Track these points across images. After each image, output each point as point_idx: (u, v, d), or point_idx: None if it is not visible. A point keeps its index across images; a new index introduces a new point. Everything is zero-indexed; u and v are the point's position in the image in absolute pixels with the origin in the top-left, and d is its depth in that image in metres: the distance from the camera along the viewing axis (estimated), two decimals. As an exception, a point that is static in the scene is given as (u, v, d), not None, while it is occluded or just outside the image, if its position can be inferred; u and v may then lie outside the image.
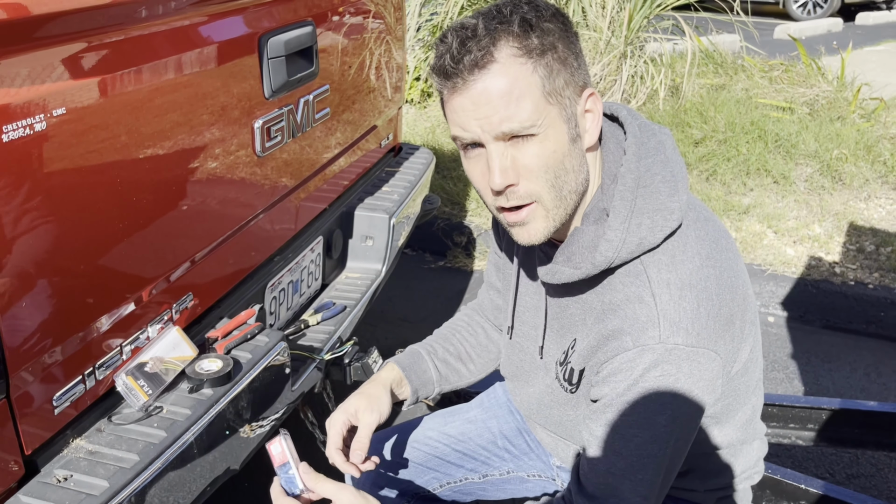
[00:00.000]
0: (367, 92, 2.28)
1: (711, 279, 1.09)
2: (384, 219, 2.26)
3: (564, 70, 1.05)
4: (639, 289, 1.08)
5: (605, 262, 1.09)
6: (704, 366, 1.07)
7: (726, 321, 1.10)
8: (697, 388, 1.08)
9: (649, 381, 1.06)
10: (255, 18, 1.65)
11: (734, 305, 1.12)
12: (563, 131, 1.06)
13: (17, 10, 1.06)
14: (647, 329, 1.06)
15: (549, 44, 1.03)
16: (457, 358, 1.50)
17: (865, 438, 2.03)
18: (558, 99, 1.05)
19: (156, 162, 1.37)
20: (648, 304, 1.06)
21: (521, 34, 1.02)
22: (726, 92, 5.12)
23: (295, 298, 2.03)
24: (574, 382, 1.20)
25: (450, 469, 1.55)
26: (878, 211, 3.96)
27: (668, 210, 1.09)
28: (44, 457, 1.25)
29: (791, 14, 11.34)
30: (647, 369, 1.06)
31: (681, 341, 1.05)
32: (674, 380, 1.06)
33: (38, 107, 1.10)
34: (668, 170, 1.12)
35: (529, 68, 1.03)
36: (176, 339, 1.45)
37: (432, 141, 4.75)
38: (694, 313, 1.06)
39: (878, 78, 5.43)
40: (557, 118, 1.05)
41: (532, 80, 1.03)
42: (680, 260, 1.09)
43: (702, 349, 1.06)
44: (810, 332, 3.29)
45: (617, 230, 1.08)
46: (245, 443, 1.52)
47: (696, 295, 1.07)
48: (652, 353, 1.05)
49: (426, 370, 1.45)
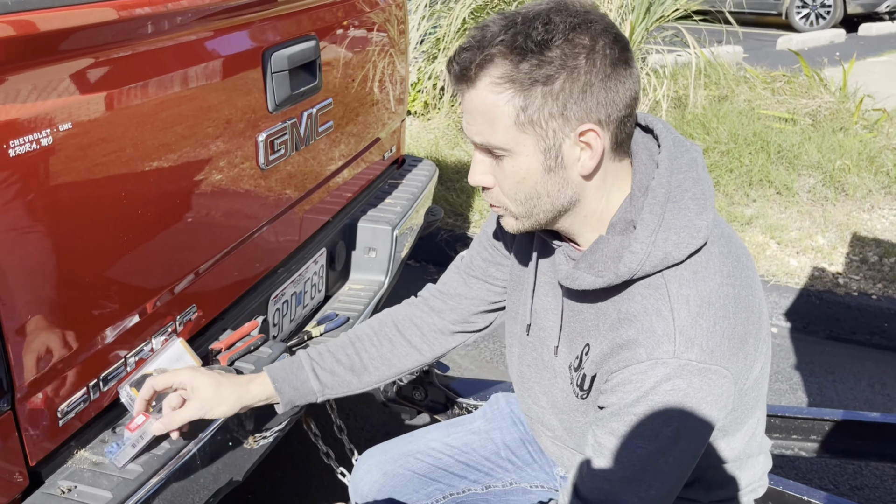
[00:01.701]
0: (370, 104, 2.30)
1: (730, 298, 1.10)
2: (387, 230, 2.28)
3: (553, 103, 1.03)
4: (658, 302, 1.08)
5: (628, 273, 1.08)
6: (716, 383, 1.07)
7: (740, 340, 1.10)
8: (707, 404, 1.07)
9: (659, 394, 1.06)
10: (259, 33, 1.67)
11: (749, 324, 1.12)
12: (538, 161, 1.07)
13: (24, 28, 1.08)
14: (662, 343, 1.05)
15: (540, 76, 1.02)
16: (348, 369, 1.44)
17: (869, 450, 2.02)
18: (536, 129, 1.05)
19: (160, 175, 1.38)
20: (666, 319, 1.06)
21: (512, 61, 1.02)
22: (729, 103, 5.14)
23: (298, 310, 2.04)
24: (586, 388, 1.20)
25: (453, 480, 1.55)
26: (881, 221, 3.96)
27: (695, 227, 1.09)
28: (48, 468, 1.25)
29: (794, 25, 11.37)
30: (658, 383, 1.05)
31: (694, 357, 1.05)
32: (683, 395, 1.05)
33: (44, 122, 1.12)
34: (698, 187, 1.12)
35: (506, 98, 1.04)
36: (179, 350, 1.46)
37: (435, 153, 4.76)
38: (710, 331, 1.06)
39: (880, 89, 5.44)
40: (532, 147, 1.06)
41: (505, 110, 1.04)
42: (702, 277, 1.09)
43: (714, 366, 1.06)
44: (814, 342, 3.29)
45: (643, 243, 1.07)
46: (248, 454, 1.53)
47: (713, 313, 1.07)
48: (665, 367, 1.05)
49: (304, 381, 1.40)
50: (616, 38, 1.05)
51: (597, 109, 1.04)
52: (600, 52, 1.03)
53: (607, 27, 1.05)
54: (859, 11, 11.23)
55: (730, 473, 1.31)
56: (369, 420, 2.63)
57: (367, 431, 2.59)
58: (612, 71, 1.03)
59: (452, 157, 4.70)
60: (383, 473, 1.54)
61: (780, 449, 2.00)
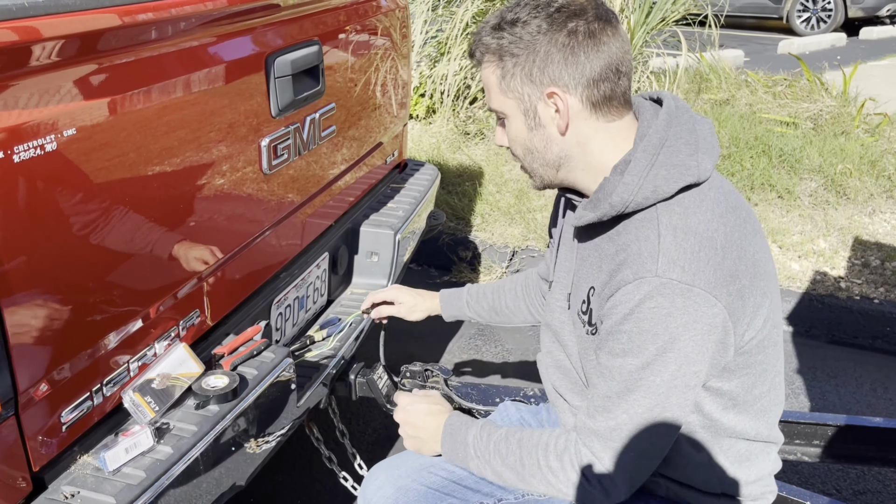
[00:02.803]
0: (372, 109, 2.30)
1: (719, 232, 1.18)
2: (389, 235, 2.28)
3: (521, 71, 1.24)
4: (648, 230, 1.18)
5: (620, 203, 1.20)
6: (700, 306, 1.13)
7: (729, 274, 1.16)
8: (693, 327, 1.14)
9: (643, 311, 1.14)
10: (262, 38, 1.67)
11: (740, 264, 1.19)
12: (521, 121, 1.28)
13: (28, 34, 1.09)
14: (646, 263, 1.15)
15: (507, 50, 1.24)
16: (490, 308, 1.85)
17: (872, 454, 2.01)
18: (514, 93, 1.26)
19: (164, 180, 1.39)
20: (652, 242, 1.16)
21: (494, 38, 1.26)
22: (730, 107, 5.14)
23: (300, 314, 2.04)
24: (593, 324, 1.28)
25: (466, 494, 1.54)
26: (882, 226, 3.96)
27: (685, 166, 1.21)
28: (51, 473, 1.25)
29: (795, 29, 11.38)
30: (641, 300, 1.14)
31: (676, 277, 1.13)
32: (666, 313, 1.13)
33: (48, 127, 1.12)
34: (692, 137, 1.24)
35: (490, 69, 1.28)
36: (183, 355, 1.46)
37: (437, 156, 4.77)
38: (693, 255, 1.15)
39: (882, 93, 5.44)
40: (515, 109, 1.28)
41: (491, 79, 1.28)
42: (692, 211, 1.19)
43: (697, 289, 1.13)
44: (816, 347, 3.28)
45: (635, 175, 1.20)
46: (251, 459, 1.53)
47: (698, 241, 1.16)
48: (648, 284, 1.14)
49: (461, 307, 1.88)
50: (578, 14, 1.22)
51: (559, 75, 1.23)
52: (557, 27, 1.22)
53: (567, 5, 1.23)
54: (860, 15, 11.23)
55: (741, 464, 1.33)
56: (371, 424, 2.63)
57: (370, 436, 2.59)
58: (570, 41, 1.21)
59: (454, 161, 4.70)
60: (396, 489, 1.51)
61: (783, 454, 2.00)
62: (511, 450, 1.34)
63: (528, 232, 3.93)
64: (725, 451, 1.32)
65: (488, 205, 4.17)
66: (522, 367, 3.06)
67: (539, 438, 1.33)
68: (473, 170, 4.58)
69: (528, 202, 4.14)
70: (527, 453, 1.32)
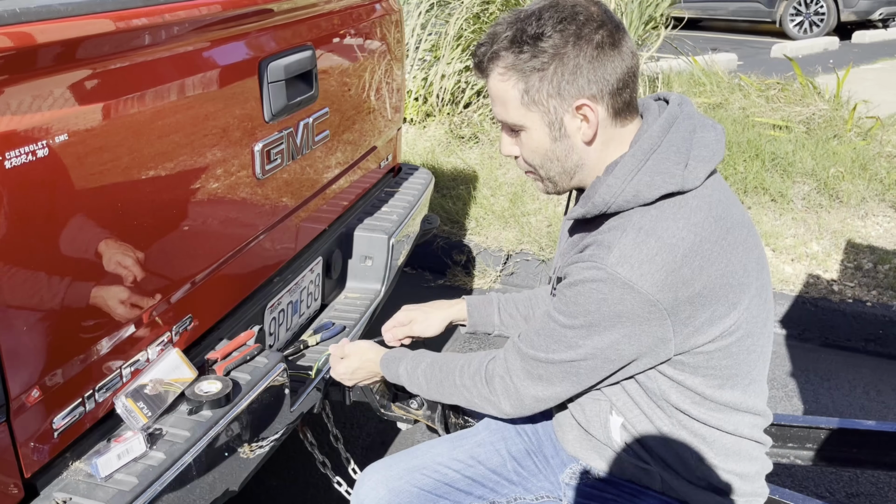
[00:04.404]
0: (366, 113, 2.31)
1: (686, 241, 1.20)
2: (383, 239, 2.28)
3: (549, 85, 1.24)
4: (619, 227, 1.23)
5: (602, 203, 1.24)
6: (636, 307, 1.19)
7: (682, 281, 1.19)
8: (621, 322, 1.20)
9: (583, 286, 1.22)
10: (256, 43, 1.67)
11: (702, 274, 1.20)
12: (544, 133, 1.28)
13: (21, 39, 1.08)
14: (602, 253, 1.21)
15: (536, 64, 1.23)
16: (523, 318, 1.74)
17: (865, 458, 2.02)
18: (539, 107, 1.26)
19: (157, 185, 1.39)
20: (616, 237, 1.21)
21: (514, 53, 1.24)
22: (723, 111, 5.16)
23: (294, 319, 2.04)
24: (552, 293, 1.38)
25: (458, 496, 1.54)
26: (875, 229, 3.98)
27: (669, 174, 1.23)
28: (43, 479, 1.25)
29: (788, 33, 11.42)
30: (586, 279, 1.21)
31: (623, 273, 1.18)
32: (601, 297, 1.20)
33: (41, 133, 1.12)
34: (686, 144, 1.26)
35: (511, 84, 1.26)
36: (175, 360, 1.46)
37: (432, 160, 4.77)
38: (648, 259, 1.18)
39: (874, 96, 5.47)
40: (538, 121, 1.27)
41: (511, 93, 1.27)
42: (666, 217, 1.22)
43: (639, 289, 1.18)
44: (809, 349, 3.29)
45: (619, 178, 1.23)
46: (244, 464, 1.53)
47: (659, 246, 1.19)
48: (596, 271, 1.20)
49: (489, 315, 1.75)
50: (601, 25, 1.23)
51: (588, 87, 1.24)
52: (586, 39, 1.22)
53: (590, 17, 1.23)
54: (853, 19, 11.28)
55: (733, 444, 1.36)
56: (365, 429, 2.63)
57: (364, 440, 2.59)
58: (598, 53, 1.22)
59: (448, 165, 4.71)
60: (388, 490, 1.52)
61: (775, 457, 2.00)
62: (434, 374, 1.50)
63: (522, 235, 3.93)
64: (710, 444, 1.35)
65: (482, 208, 4.18)
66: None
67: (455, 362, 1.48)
68: (468, 173, 4.59)
69: (523, 206, 4.15)
70: (445, 375, 1.48)
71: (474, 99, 5.31)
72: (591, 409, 1.41)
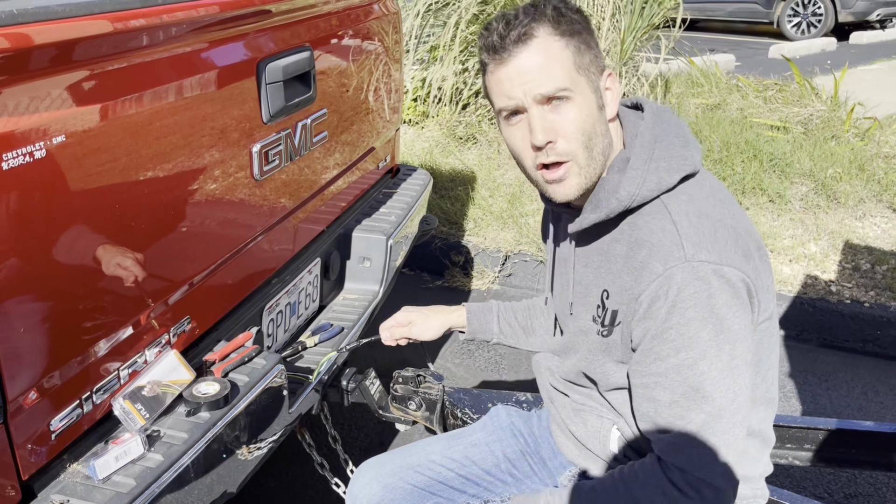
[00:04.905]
0: (364, 114, 2.30)
1: (727, 215, 1.23)
2: (381, 240, 2.28)
3: (589, 51, 1.25)
4: (661, 221, 1.20)
5: (627, 197, 1.22)
6: (733, 282, 1.15)
7: (744, 252, 1.19)
8: (735, 303, 1.15)
9: (685, 300, 1.14)
10: (254, 44, 1.67)
11: (751, 243, 1.23)
12: (592, 99, 1.24)
13: (19, 40, 1.08)
14: (672, 251, 1.16)
15: (575, 30, 1.24)
16: (522, 328, 1.73)
17: (863, 458, 2.02)
18: (586, 73, 1.24)
19: (155, 186, 1.38)
20: (671, 231, 1.17)
21: (554, 20, 1.23)
22: (721, 111, 5.16)
23: (292, 320, 2.04)
24: (607, 325, 1.27)
25: (452, 494, 1.55)
26: (873, 229, 3.98)
27: (682, 156, 1.25)
28: (41, 482, 1.25)
29: (785, 34, 11.43)
30: (680, 289, 1.14)
31: (705, 258, 1.14)
32: (707, 296, 1.13)
33: (38, 134, 1.12)
34: (680, 130, 1.29)
35: (563, 44, 1.22)
36: (173, 362, 1.46)
37: (430, 161, 4.77)
38: (712, 236, 1.17)
39: (871, 97, 5.47)
40: (587, 87, 1.24)
41: (565, 54, 1.22)
42: (697, 198, 1.23)
43: (726, 267, 1.15)
44: (807, 350, 3.30)
45: (638, 170, 1.22)
46: (243, 465, 1.52)
47: (712, 223, 1.19)
48: (681, 272, 1.14)
49: (489, 322, 1.74)
50: None
51: (603, 60, 1.28)
52: (589, 21, 1.28)
53: None
54: (850, 20, 11.30)
55: None
56: (363, 430, 2.63)
57: (362, 441, 2.58)
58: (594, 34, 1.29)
59: (447, 166, 4.71)
60: (382, 486, 1.53)
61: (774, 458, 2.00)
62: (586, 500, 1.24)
63: (520, 236, 3.93)
64: None
65: (481, 209, 4.18)
66: (515, 373, 3.06)
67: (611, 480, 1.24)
68: (466, 174, 4.59)
69: (521, 206, 4.15)
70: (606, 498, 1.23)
71: (473, 100, 5.31)
72: (594, 426, 1.41)
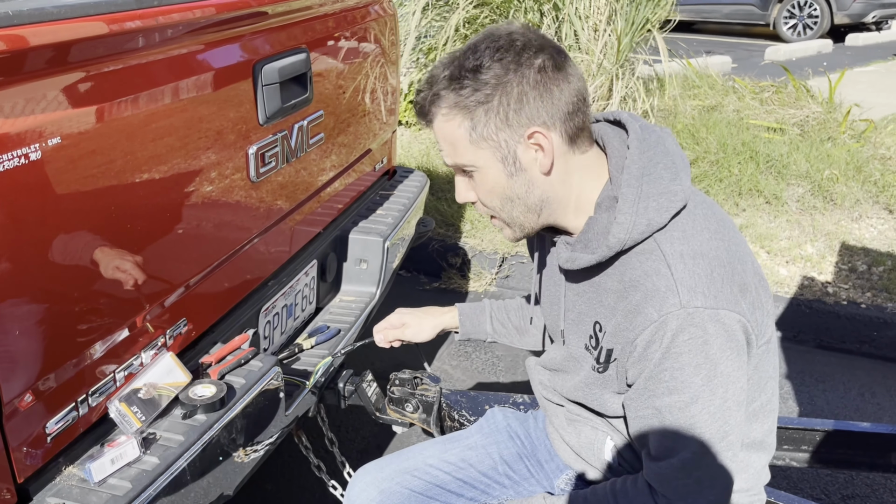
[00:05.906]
0: (361, 116, 2.30)
1: (721, 249, 1.18)
2: (378, 242, 2.27)
3: (496, 117, 1.18)
4: (655, 263, 1.16)
5: (618, 243, 1.18)
6: (729, 326, 1.13)
7: (741, 287, 1.17)
8: (729, 347, 1.14)
9: (679, 345, 1.13)
10: (250, 46, 1.67)
11: (746, 275, 1.19)
12: (499, 170, 1.22)
13: (14, 42, 1.08)
14: (667, 297, 1.13)
15: (476, 100, 1.17)
16: (515, 327, 1.72)
17: (860, 459, 2.02)
18: (489, 142, 1.20)
19: (151, 188, 1.38)
20: (665, 276, 1.14)
21: (454, 91, 1.18)
22: (717, 113, 5.17)
23: (289, 322, 2.03)
24: (602, 362, 1.26)
25: (450, 498, 1.54)
26: (869, 231, 3.99)
27: (671, 192, 1.19)
28: (36, 485, 1.24)
29: (781, 36, 11.47)
30: (675, 335, 1.12)
31: (700, 304, 1.12)
32: (702, 342, 1.12)
33: (33, 136, 1.11)
34: (668, 159, 1.23)
35: (455, 124, 1.20)
36: (169, 364, 1.45)
37: (427, 163, 4.77)
38: (708, 278, 1.14)
39: (867, 98, 5.49)
40: (490, 158, 1.21)
41: (458, 133, 1.20)
42: (690, 234, 1.18)
43: (722, 310, 1.13)
44: (804, 351, 3.30)
45: (627, 213, 1.17)
46: (239, 468, 1.52)
47: (708, 262, 1.15)
48: (675, 319, 1.12)
49: (482, 322, 1.74)
50: (539, 49, 1.18)
51: (537, 114, 1.18)
52: (526, 65, 1.17)
53: (528, 43, 1.18)
54: (846, 22, 11.34)
55: None
56: (360, 432, 2.62)
57: (359, 444, 2.58)
58: (542, 77, 1.17)
59: (444, 168, 4.70)
60: (379, 491, 1.53)
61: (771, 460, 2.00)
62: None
63: (517, 238, 3.93)
64: None
65: (477, 211, 4.17)
66: (512, 375, 3.06)
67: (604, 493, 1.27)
68: (463, 176, 4.59)
69: (518, 208, 4.15)
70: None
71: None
72: (588, 436, 1.40)
